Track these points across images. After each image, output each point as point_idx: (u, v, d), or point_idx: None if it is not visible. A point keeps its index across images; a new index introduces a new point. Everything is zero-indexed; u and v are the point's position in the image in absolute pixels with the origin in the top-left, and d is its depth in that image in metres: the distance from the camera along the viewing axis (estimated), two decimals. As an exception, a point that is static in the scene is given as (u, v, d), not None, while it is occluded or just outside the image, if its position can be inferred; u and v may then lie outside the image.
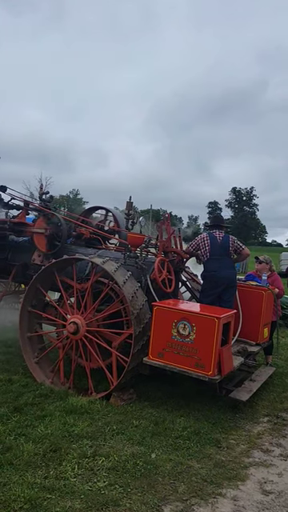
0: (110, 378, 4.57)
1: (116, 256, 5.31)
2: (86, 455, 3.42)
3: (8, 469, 3.15)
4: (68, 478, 3.13)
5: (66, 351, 4.90)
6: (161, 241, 5.22)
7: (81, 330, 4.69)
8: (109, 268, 4.60)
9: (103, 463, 3.35)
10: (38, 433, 3.69)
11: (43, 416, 4.02)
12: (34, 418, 3.99)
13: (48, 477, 3.11)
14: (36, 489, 2.94)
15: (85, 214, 6.75)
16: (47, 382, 4.90)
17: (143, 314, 4.54)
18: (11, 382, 4.85)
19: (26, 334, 5.14)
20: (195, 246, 5.37)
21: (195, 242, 5.39)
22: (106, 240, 6.27)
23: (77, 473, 3.20)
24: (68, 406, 4.23)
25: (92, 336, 4.68)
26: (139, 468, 3.32)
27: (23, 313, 5.13)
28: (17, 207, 6.28)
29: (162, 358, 4.33)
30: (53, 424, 3.87)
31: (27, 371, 5.07)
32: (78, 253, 5.43)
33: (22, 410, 4.12)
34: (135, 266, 4.99)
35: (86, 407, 4.23)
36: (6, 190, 6.17)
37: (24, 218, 6.17)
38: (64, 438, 3.66)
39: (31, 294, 5.15)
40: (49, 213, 5.74)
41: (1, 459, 3.24)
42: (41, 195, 6.21)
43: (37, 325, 5.26)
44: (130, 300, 4.44)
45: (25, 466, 3.21)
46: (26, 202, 6.28)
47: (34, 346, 5.18)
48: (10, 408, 4.13)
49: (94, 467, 3.29)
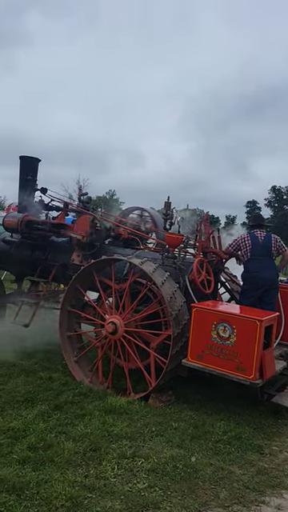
0: (148, 379, 4.56)
1: (154, 256, 5.29)
2: (126, 456, 3.42)
3: (49, 466, 3.20)
4: (108, 477, 3.13)
5: (104, 351, 4.93)
6: (199, 241, 5.15)
7: (119, 330, 4.70)
8: (147, 268, 4.59)
9: (142, 464, 3.33)
10: (77, 431, 3.73)
11: (83, 415, 4.06)
12: (73, 416, 4.03)
13: (88, 476, 3.13)
14: (77, 487, 2.97)
15: (122, 214, 6.78)
16: (86, 381, 4.96)
17: (182, 315, 4.49)
18: (51, 380, 4.94)
19: (66, 333, 5.22)
20: (235, 246, 5.25)
21: (235, 242, 5.28)
22: (143, 240, 6.27)
23: (116, 473, 3.21)
24: (107, 405, 4.25)
25: (130, 336, 4.68)
26: (179, 471, 3.27)
27: (63, 312, 5.22)
28: (56, 208, 6.41)
29: (201, 361, 4.26)
30: (92, 423, 3.90)
31: (67, 370, 5.14)
32: (116, 253, 5.46)
33: (63, 408, 4.18)
34: (173, 267, 4.95)
35: (125, 407, 4.23)
36: (47, 191, 6.31)
37: (63, 219, 6.28)
38: (103, 437, 3.68)
39: (71, 294, 5.23)
40: (87, 214, 5.80)
41: (42, 456, 3.30)
42: (80, 196, 6.30)
43: (76, 324, 5.34)
44: (169, 301, 4.41)
45: (65, 463, 3.25)
46: (66, 203, 6.39)
47: (74, 345, 5.26)
48: (51, 406, 4.20)
49: (133, 468, 3.28)
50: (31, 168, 6.63)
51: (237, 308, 4.79)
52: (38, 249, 6.40)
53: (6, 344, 5.95)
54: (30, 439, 3.52)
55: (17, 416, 3.95)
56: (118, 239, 6.05)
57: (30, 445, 3.44)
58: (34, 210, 6.36)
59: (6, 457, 3.27)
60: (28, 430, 3.70)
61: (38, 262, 6.35)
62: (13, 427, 3.71)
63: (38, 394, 4.49)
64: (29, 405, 4.22)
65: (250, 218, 6.37)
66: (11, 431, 3.65)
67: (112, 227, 5.96)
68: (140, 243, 6.10)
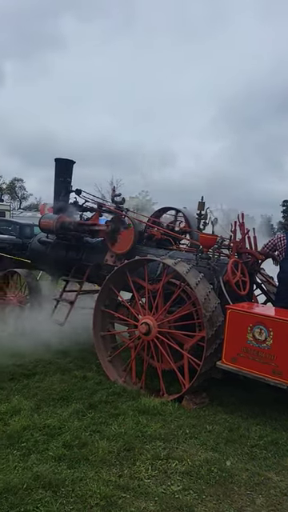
0: (181, 381, 4.53)
1: (188, 257, 5.25)
2: (160, 457, 3.41)
3: (84, 464, 3.24)
4: (142, 478, 3.13)
5: (137, 351, 4.95)
6: (234, 241, 5.06)
7: (152, 330, 4.70)
8: (180, 269, 4.56)
9: (176, 467, 3.31)
10: (111, 431, 3.75)
11: (116, 414, 4.08)
12: (107, 415, 4.06)
13: (122, 475, 3.15)
14: (111, 486, 2.99)
15: (156, 214, 6.78)
16: (120, 380, 4.98)
17: (216, 317, 4.43)
18: (86, 378, 5.00)
19: (100, 332, 5.27)
20: (271, 246, 5.13)
21: (271, 243, 5.15)
22: (176, 241, 6.24)
23: (150, 474, 3.20)
24: (140, 406, 4.26)
25: (163, 337, 4.67)
26: (213, 475, 3.23)
27: (97, 312, 5.27)
28: (91, 209, 6.49)
29: (236, 363, 4.19)
30: (126, 423, 3.91)
31: (100, 369, 5.19)
32: (149, 254, 5.46)
33: (97, 407, 4.22)
34: (207, 268, 4.89)
35: (159, 408, 4.22)
36: (81, 193, 6.40)
37: (97, 220, 6.35)
38: (137, 437, 3.68)
39: (104, 294, 5.28)
40: (121, 214, 5.84)
41: (77, 454, 3.34)
42: (113, 197, 6.35)
43: (109, 324, 5.38)
44: (203, 302, 4.36)
45: (100, 462, 3.28)
46: (100, 204, 6.46)
47: (107, 345, 5.30)
48: (86, 404, 4.25)
49: (167, 470, 3.26)
50: (66, 170, 6.75)
51: (273, 310, 4.68)
52: (73, 249, 6.51)
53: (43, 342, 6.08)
54: (65, 437, 3.57)
55: (52, 414, 4.02)
56: (151, 240, 6.05)
57: (65, 442, 3.49)
58: (69, 212, 6.48)
59: (42, 453, 3.34)
60: (63, 427, 3.76)
61: (73, 262, 6.46)
62: (48, 424, 3.78)
63: (73, 392, 4.56)
64: (64, 403, 4.29)
65: (286, 218, 6.22)
66: (47, 428, 3.72)
67: (145, 228, 5.97)
68: (173, 244, 6.07)
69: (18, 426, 3.69)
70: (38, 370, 5.18)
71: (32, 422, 3.79)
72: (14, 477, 2.98)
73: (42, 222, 6.50)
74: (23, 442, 3.48)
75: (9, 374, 4.95)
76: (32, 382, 4.77)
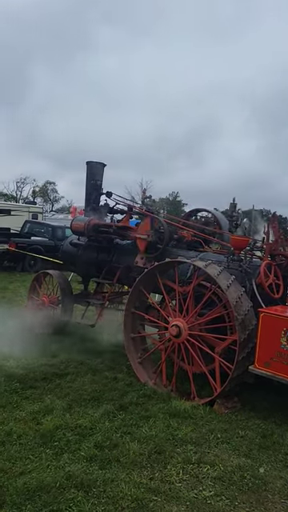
0: (213, 384, 4.47)
1: (219, 259, 5.19)
2: (191, 461, 3.38)
3: (115, 465, 3.25)
4: (173, 482, 3.11)
5: (168, 354, 4.93)
6: (267, 243, 4.96)
7: (183, 333, 4.67)
8: (211, 271, 4.51)
9: (208, 471, 3.27)
10: (142, 433, 3.75)
11: (147, 417, 4.08)
12: (138, 417, 4.07)
13: (153, 478, 3.14)
14: (142, 489, 2.98)
15: (186, 216, 6.74)
16: (150, 382, 4.98)
17: (248, 320, 4.35)
18: (116, 380, 5.03)
19: (130, 334, 5.29)
20: None
21: None
22: (207, 243, 6.18)
23: (182, 478, 3.17)
24: (171, 409, 4.24)
25: (194, 340, 4.63)
26: (246, 481, 3.17)
27: (127, 314, 5.29)
28: (121, 211, 6.53)
29: (270, 368, 4.09)
30: (157, 426, 3.90)
31: (131, 370, 5.21)
32: (179, 256, 5.43)
33: (127, 409, 4.23)
34: (239, 270, 4.81)
35: (189, 412, 4.19)
36: (112, 195, 6.46)
37: (128, 222, 6.38)
38: (168, 440, 3.66)
39: (134, 296, 5.29)
40: (151, 216, 5.84)
41: (108, 455, 3.36)
42: (143, 199, 6.37)
43: (140, 326, 5.39)
44: (234, 305, 4.29)
45: (131, 464, 3.28)
46: (130, 206, 6.50)
47: (138, 347, 5.31)
48: (116, 406, 4.27)
49: (198, 474, 3.23)
50: (97, 172, 6.83)
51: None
52: (104, 251, 6.57)
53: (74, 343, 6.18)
54: (97, 437, 3.60)
55: (84, 414, 4.06)
56: (181, 241, 6.03)
57: (96, 443, 3.52)
58: (100, 214, 6.55)
59: (74, 453, 3.38)
60: (94, 428, 3.79)
61: (103, 263, 6.52)
62: (80, 424, 3.82)
63: (104, 393, 4.60)
64: (95, 403, 4.33)
65: None
66: (79, 428, 3.76)
67: (175, 229, 5.95)
68: (204, 245, 6.02)
69: (50, 425, 3.75)
70: (69, 370, 5.26)
71: (64, 422, 3.85)
72: (47, 475, 3.03)
73: (73, 224, 6.60)
74: (56, 441, 3.53)
75: (41, 373, 5.05)
76: (64, 382, 4.84)
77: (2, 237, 14.17)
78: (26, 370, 5.08)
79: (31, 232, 15.59)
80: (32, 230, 15.75)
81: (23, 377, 4.87)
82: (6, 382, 4.68)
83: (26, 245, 13.88)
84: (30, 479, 2.97)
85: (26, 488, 2.87)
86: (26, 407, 4.12)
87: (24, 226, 16.25)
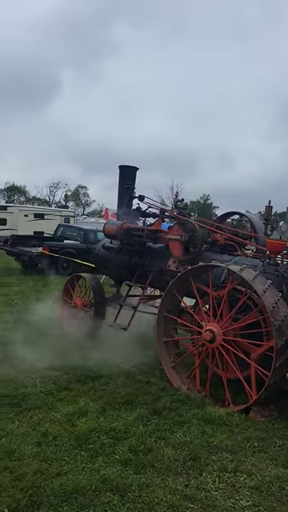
0: (248, 391, 4.37)
1: (254, 263, 5.09)
2: (227, 469, 3.31)
3: (150, 470, 3.23)
4: (209, 490, 3.06)
5: (201, 359, 4.86)
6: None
7: (217, 338, 4.60)
8: (247, 276, 4.42)
9: (245, 481, 3.19)
10: (176, 439, 3.72)
11: (181, 422, 4.03)
12: (172, 422, 4.03)
13: (189, 485, 3.09)
14: (178, 495, 2.95)
15: (219, 219, 6.66)
16: (183, 387, 4.93)
17: (286, 326, 4.23)
18: (149, 384, 5.01)
19: (163, 338, 5.26)
20: None
21: None
22: (242, 246, 6.07)
23: (218, 486, 3.11)
24: (205, 415, 4.18)
25: (229, 345, 4.55)
26: (286, 492, 3.07)
27: (160, 318, 5.27)
28: (153, 215, 6.53)
29: (308, 375, 3.96)
30: (191, 432, 3.85)
31: (164, 375, 5.18)
32: (213, 259, 5.36)
33: (161, 414, 4.21)
34: (276, 275, 4.70)
35: (224, 419, 4.11)
36: (144, 199, 6.47)
37: (160, 226, 6.37)
38: (203, 447, 3.61)
39: (167, 300, 5.26)
40: (184, 220, 5.81)
41: (143, 460, 3.34)
42: (176, 202, 6.35)
43: (173, 330, 5.35)
44: (271, 310, 4.19)
45: (166, 470, 3.25)
46: (162, 209, 6.48)
47: (170, 351, 5.27)
48: (150, 410, 4.25)
49: (235, 483, 3.16)
50: (130, 176, 6.87)
51: None
52: (136, 255, 6.58)
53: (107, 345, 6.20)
54: (131, 441, 3.60)
55: (118, 417, 4.07)
56: (214, 245, 5.95)
57: (131, 447, 3.51)
58: (132, 217, 6.57)
59: (109, 456, 3.38)
60: (128, 432, 3.79)
61: (136, 267, 6.53)
62: (114, 428, 3.83)
63: (137, 397, 4.59)
64: (128, 407, 4.33)
65: None
66: (113, 432, 3.77)
67: (208, 233, 5.88)
68: (238, 249, 5.92)
69: (85, 427, 3.78)
70: (102, 372, 5.28)
71: (98, 425, 3.87)
72: (83, 478, 3.05)
73: (106, 227, 6.65)
74: (90, 443, 3.55)
75: (75, 375, 5.10)
76: (98, 385, 4.88)
77: (36, 240, 14.50)
78: (61, 372, 5.15)
79: (64, 235, 15.88)
80: (65, 234, 16.04)
81: (58, 378, 4.94)
82: (42, 383, 4.76)
83: (59, 248, 14.15)
84: (67, 481, 2.99)
85: (63, 489, 2.89)
86: (61, 409, 4.17)
87: (57, 230, 16.58)
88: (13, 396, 4.38)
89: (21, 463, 3.20)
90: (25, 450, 3.38)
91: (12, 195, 64.70)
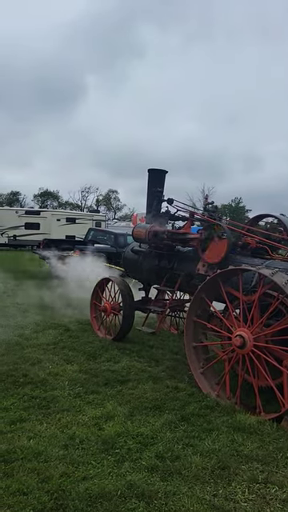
0: (280, 399, 4.22)
1: (286, 267, 4.92)
2: (257, 480, 3.19)
3: (177, 478, 3.16)
4: (238, 501, 2.95)
5: (231, 365, 4.75)
6: None
7: (247, 344, 4.47)
8: (278, 280, 4.28)
9: (276, 493, 3.06)
10: (205, 446, 3.62)
11: (210, 429, 3.93)
12: (200, 429, 3.94)
13: (217, 495, 3.00)
14: (205, 505, 2.86)
15: (251, 222, 6.52)
16: (213, 394, 4.82)
17: None
18: (178, 389, 4.93)
19: (192, 343, 5.17)
20: None
21: None
22: (274, 250, 5.90)
23: (247, 497, 3.00)
24: (235, 422, 4.06)
25: (260, 352, 4.41)
26: None
27: (189, 322, 5.19)
28: (182, 218, 6.47)
29: None
30: (220, 439, 3.75)
31: (193, 380, 5.09)
32: (243, 263, 5.24)
33: (189, 420, 4.12)
34: (309, 278, 4.52)
35: (255, 427, 3.98)
36: (173, 202, 6.43)
37: (189, 229, 6.30)
38: (232, 456, 3.50)
39: (196, 304, 5.18)
40: (213, 223, 5.71)
41: (170, 467, 3.27)
42: (206, 205, 6.26)
43: (202, 335, 5.26)
44: (304, 315, 4.03)
45: (193, 478, 3.17)
46: (191, 213, 6.41)
47: (200, 356, 5.18)
48: (178, 416, 4.17)
49: (266, 495, 3.03)
50: (159, 180, 6.85)
51: None
52: (165, 258, 6.54)
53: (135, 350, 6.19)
54: (158, 447, 3.54)
55: (145, 422, 4.02)
56: (245, 248, 5.82)
57: (157, 453, 3.45)
58: (161, 221, 6.54)
59: (136, 462, 3.34)
60: (156, 437, 3.73)
61: (164, 271, 6.49)
62: (141, 433, 3.78)
63: (165, 402, 4.52)
64: (156, 412, 4.27)
65: None
66: (140, 437, 3.72)
67: (239, 236, 5.76)
68: (270, 253, 5.76)
69: (112, 431, 3.76)
70: (130, 376, 5.26)
71: (125, 429, 3.83)
72: (109, 483, 3.02)
73: (134, 231, 6.65)
74: (117, 448, 3.52)
75: (104, 378, 5.10)
76: (125, 389, 4.85)
77: (68, 244, 14.72)
78: (89, 375, 5.17)
79: (94, 239, 16.06)
80: (95, 238, 16.22)
81: (86, 381, 4.95)
82: (70, 385, 4.78)
83: (90, 252, 14.29)
84: (92, 485, 2.97)
85: (88, 494, 2.87)
86: (89, 412, 4.17)
87: (88, 234, 16.79)
88: (42, 398, 4.42)
89: (48, 465, 3.21)
90: (52, 453, 3.39)
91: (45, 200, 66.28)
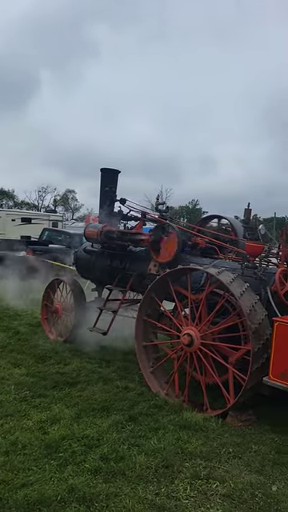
0: (226, 396, 4.31)
1: (233, 266, 5.04)
2: (199, 476, 3.23)
3: (120, 479, 3.14)
4: (180, 498, 2.98)
5: (180, 363, 4.79)
6: (283, 249, 4.79)
7: (195, 342, 4.53)
8: (224, 279, 4.37)
9: (217, 488, 3.11)
10: (150, 445, 3.63)
11: (156, 428, 3.95)
12: (147, 429, 3.94)
13: (159, 494, 3.01)
14: (146, 505, 2.86)
15: (201, 223, 6.63)
16: (162, 392, 4.85)
17: (263, 330, 4.18)
18: (127, 389, 4.91)
19: (142, 342, 5.18)
20: None
21: None
22: (223, 250, 6.03)
23: (189, 494, 3.03)
24: (182, 420, 4.10)
25: (207, 349, 4.48)
26: (257, 500, 3.00)
27: (139, 322, 5.19)
28: (135, 218, 6.46)
29: (285, 380, 3.91)
30: (166, 438, 3.77)
31: (143, 380, 5.09)
32: (192, 263, 5.31)
33: (137, 420, 4.12)
34: (254, 278, 4.65)
35: (201, 424, 4.04)
36: (126, 202, 6.41)
37: (141, 229, 6.30)
38: (177, 454, 3.53)
39: (146, 304, 5.19)
40: (164, 223, 5.75)
41: (114, 468, 3.25)
42: (157, 206, 6.29)
43: (152, 334, 5.28)
44: (248, 313, 4.14)
45: (136, 478, 3.16)
46: (144, 213, 6.42)
47: (150, 356, 5.20)
48: (126, 416, 4.16)
49: (207, 491, 3.08)
50: (111, 180, 6.81)
51: None
52: (117, 258, 6.50)
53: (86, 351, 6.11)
54: (103, 449, 3.50)
55: (92, 424, 3.97)
56: (195, 248, 5.90)
57: (102, 455, 3.41)
58: (113, 221, 6.50)
59: (79, 465, 3.28)
60: (102, 439, 3.69)
61: (117, 271, 6.45)
62: (87, 435, 3.72)
63: (114, 403, 4.49)
64: (104, 413, 4.23)
65: None
66: (85, 439, 3.67)
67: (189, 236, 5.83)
68: (219, 253, 5.88)
69: (56, 435, 3.67)
70: (80, 378, 5.18)
71: (71, 432, 3.76)
72: (49, 488, 2.95)
73: (86, 231, 6.58)
74: (61, 452, 3.45)
75: (52, 381, 4.98)
76: (74, 391, 4.77)
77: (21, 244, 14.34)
78: (37, 378, 5.04)
79: (49, 239, 15.74)
80: (50, 238, 15.90)
81: (33, 385, 4.82)
82: (16, 390, 4.63)
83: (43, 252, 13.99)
84: (32, 491, 2.88)
85: (27, 501, 2.78)
86: (34, 416, 4.05)
87: (42, 234, 16.43)
88: (-16, 403, 4.25)
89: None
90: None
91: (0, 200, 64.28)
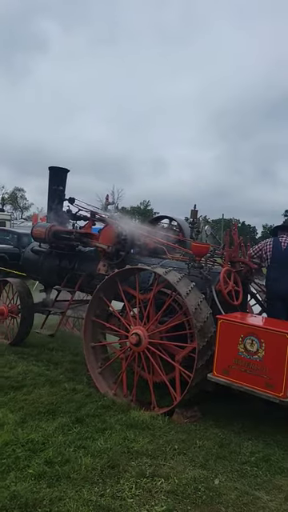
0: (172, 394, 4.38)
1: (180, 266, 5.14)
2: (145, 475, 3.26)
3: (65, 482, 3.09)
4: (125, 498, 2.98)
5: (128, 363, 4.81)
6: (227, 250, 4.96)
7: (143, 341, 4.57)
8: (171, 278, 4.45)
9: (162, 485, 3.15)
10: (97, 446, 3.61)
11: (103, 429, 3.94)
12: (94, 430, 3.92)
13: (104, 495, 3.00)
14: (91, 507, 2.84)
15: (150, 223, 6.69)
16: (110, 393, 4.84)
17: (207, 328, 4.30)
18: (75, 391, 4.85)
19: (90, 343, 5.14)
20: (257, 250, 5.03)
21: (258, 246, 5.06)
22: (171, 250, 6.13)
23: (134, 493, 3.05)
24: (129, 420, 4.11)
25: (154, 348, 4.54)
26: (200, 494, 3.07)
27: (87, 322, 5.15)
28: (84, 218, 6.41)
29: (228, 376, 4.05)
30: (113, 438, 3.76)
31: (91, 381, 5.05)
32: (140, 263, 5.35)
33: (84, 421, 4.08)
34: (199, 277, 4.78)
35: (148, 423, 4.07)
36: (74, 201, 6.33)
37: (90, 229, 6.26)
38: (123, 453, 3.53)
39: (95, 304, 5.16)
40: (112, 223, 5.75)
41: (59, 472, 3.19)
42: (106, 205, 6.29)
43: (100, 335, 5.25)
44: (194, 312, 4.24)
45: (82, 480, 3.13)
46: (93, 212, 6.38)
47: (98, 356, 5.17)
48: (72, 418, 4.10)
49: (152, 489, 3.11)
50: (60, 178, 6.70)
51: (266, 321, 4.55)
52: (66, 258, 6.42)
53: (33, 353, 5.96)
54: (48, 453, 3.43)
55: (37, 428, 3.88)
56: (144, 249, 5.95)
57: (47, 459, 3.34)
58: (62, 220, 6.41)
59: (23, 471, 3.19)
60: (47, 443, 3.62)
61: (65, 271, 6.37)
62: (32, 439, 3.63)
63: (61, 405, 4.42)
64: (50, 417, 4.15)
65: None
66: (30, 444, 3.58)
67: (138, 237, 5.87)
68: (167, 253, 5.97)
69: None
70: (26, 381, 5.05)
71: (15, 437, 3.65)
72: (-10, 496, 2.85)
73: (34, 230, 6.44)
74: (3, 458, 3.34)
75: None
76: (19, 395, 4.63)
77: None
78: (-20, 383, 4.84)
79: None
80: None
81: (-24, 390, 4.63)
82: None
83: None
84: None
85: None
86: (-24, 423, 3.90)
87: (-14, 233, 15.80)
88: None
89: None
90: None
91: None
